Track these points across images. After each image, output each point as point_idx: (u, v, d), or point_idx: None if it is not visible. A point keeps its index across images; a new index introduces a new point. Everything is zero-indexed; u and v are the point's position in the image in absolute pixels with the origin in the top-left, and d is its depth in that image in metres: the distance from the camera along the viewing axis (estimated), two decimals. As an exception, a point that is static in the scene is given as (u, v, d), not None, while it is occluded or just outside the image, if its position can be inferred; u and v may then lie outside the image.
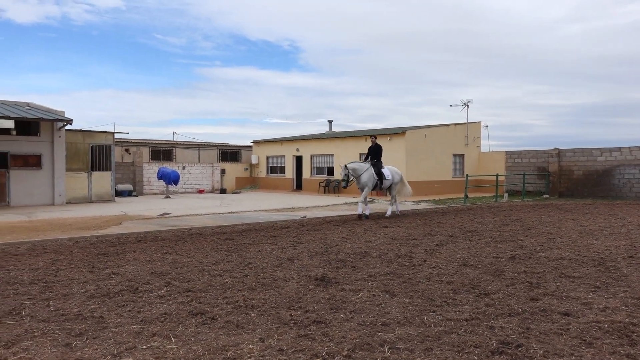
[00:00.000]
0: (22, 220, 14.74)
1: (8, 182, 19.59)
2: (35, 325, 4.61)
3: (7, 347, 4.06)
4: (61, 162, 20.75)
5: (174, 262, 7.70)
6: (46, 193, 20.44)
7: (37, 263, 7.62)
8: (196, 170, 31.37)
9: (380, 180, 15.07)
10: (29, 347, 4.08)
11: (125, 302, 5.39)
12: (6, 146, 19.75)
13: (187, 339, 4.29)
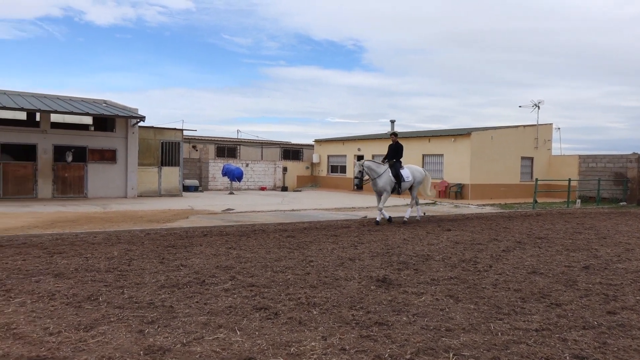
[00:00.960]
0: (98, 211, 15.67)
1: (86, 175, 20.87)
2: (112, 311, 4.87)
3: (86, 331, 4.32)
4: (134, 157, 21.84)
5: (238, 257, 7.90)
6: (120, 186, 21.59)
7: (112, 252, 8.07)
8: (259, 167, 32.05)
9: (399, 182, 13.66)
10: (106, 331, 4.32)
11: (193, 294, 5.59)
12: (85, 141, 21.04)
13: (251, 333, 4.39)
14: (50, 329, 4.33)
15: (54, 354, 3.77)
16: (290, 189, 32.32)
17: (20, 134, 19.87)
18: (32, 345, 3.95)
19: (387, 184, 13.54)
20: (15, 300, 5.18)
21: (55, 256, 7.62)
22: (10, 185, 19.35)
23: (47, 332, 4.24)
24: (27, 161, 19.88)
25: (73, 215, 14.45)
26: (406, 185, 14.04)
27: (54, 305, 5.05)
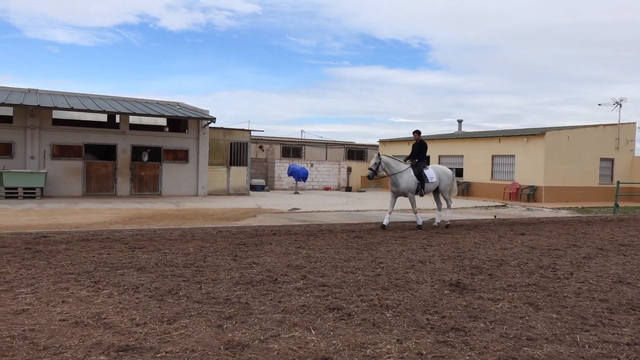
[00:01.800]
0: (172, 209, 16.38)
1: (161, 173, 21.89)
2: (191, 306, 5.06)
3: (169, 323, 4.51)
4: (205, 157, 22.66)
5: (308, 257, 7.98)
6: (191, 185, 22.48)
7: (188, 248, 8.39)
8: (323, 168, 32.27)
9: (422, 183, 12.49)
10: (187, 325, 4.50)
11: (266, 291, 5.70)
12: (160, 141, 22.07)
13: (326, 333, 4.41)
14: (136, 320, 4.56)
15: (142, 344, 3.97)
16: (354, 189, 32.29)
17: (102, 135, 21.17)
18: (121, 335, 4.17)
19: (411, 184, 12.39)
20: (104, 292, 5.50)
21: (137, 251, 8.04)
22: (93, 182, 20.65)
23: (134, 323, 4.47)
24: (107, 160, 21.15)
25: (149, 212, 15.20)
26: (430, 187, 12.81)
27: (138, 297, 5.32)
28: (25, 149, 19.43)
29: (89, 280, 5.99)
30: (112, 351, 3.80)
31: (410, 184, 12.34)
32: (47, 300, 5.11)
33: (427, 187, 12.68)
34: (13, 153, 19.30)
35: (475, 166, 27.95)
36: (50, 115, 20.15)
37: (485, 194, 26.75)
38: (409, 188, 12.35)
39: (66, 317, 4.58)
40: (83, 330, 4.26)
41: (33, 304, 4.96)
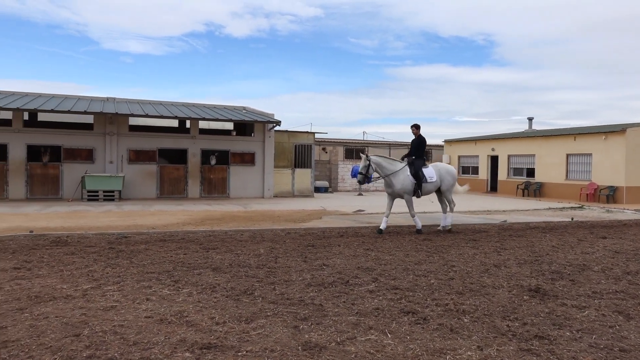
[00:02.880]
0: (240, 210, 16.82)
1: (228, 176, 22.55)
2: (267, 306, 5.16)
3: (247, 323, 4.62)
4: (270, 160, 23.10)
5: (377, 259, 7.92)
6: (257, 187, 22.98)
7: (259, 249, 8.58)
8: (387, 169, 31.99)
9: (419, 183, 11.38)
10: (265, 325, 4.58)
11: (339, 293, 5.71)
12: (228, 145, 22.74)
13: (402, 337, 4.34)
14: (216, 319, 4.70)
15: (223, 343, 4.08)
16: (419, 190, 31.76)
17: (173, 139, 22.10)
18: (203, 333, 4.32)
19: (408, 185, 11.28)
20: (184, 291, 5.73)
21: (210, 251, 8.31)
22: (166, 185, 21.61)
23: (214, 322, 4.61)
24: (179, 164, 22.05)
25: (219, 213, 15.69)
26: (429, 188, 11.62)
27: (216, 297, 5.49)
28: (105, 154, 20.65)
29: (169, 279, 6.26)
30: (196, 348, 3.94)
31: (406, 185, 11.30)
32: (133, 297, 5.39)
33: (425, 188, 11.51)
34: (94, 158, 20.56)
35: (548, 166, 26.67)
36: (127, 122, 21.29)
37: (559, 194, 25.46)
38: (405, 189, 11.31)
39: (151, 314, 4.81)
40: (167, 327, 4.45)
41: (120, 301, 5.24)
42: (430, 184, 11.57)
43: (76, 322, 4.49)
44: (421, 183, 11.37)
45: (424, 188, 11.49)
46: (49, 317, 4.63)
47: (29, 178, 19.67)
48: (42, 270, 6.67)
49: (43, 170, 19.86)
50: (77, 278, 6.25)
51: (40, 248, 8.31)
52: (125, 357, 3.75)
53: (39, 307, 4.97)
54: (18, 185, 19.49)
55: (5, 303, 5.08)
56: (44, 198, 19.66)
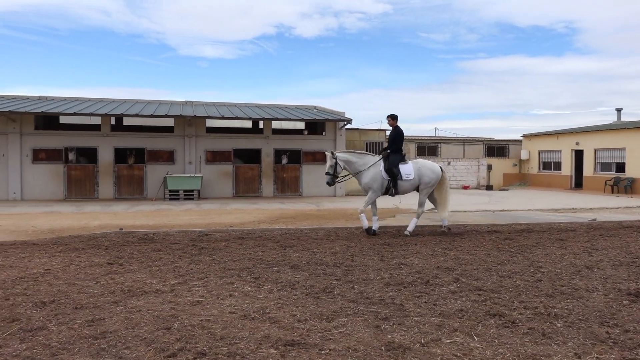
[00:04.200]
0: (313, 209, 16.97)
1: (301, 175, 22.84)
2: (347, 305, 5.13)
3: (328, 321, 4.62)
4: (342, 158, 23.10)
5: (457, 258, 7.66)
6: (329, 185, 23.05)
7: (335, 248, 8.58)
8: (461, 165, 31.04)
9: (394, 181, 10.30)
10: (346, 323, 4.55)
11: (420, 293, 5.57)
12: (299, 144, 23.03)
13: (490, 340, 4.15)
14: (297, 316, 4.74)
15: (305, 340, 4.10)
16: (496, 187, 30.55)
17: (248, 140, 22.71)
18: (285, 329, 4.36)
19: (374, 180, 10.27)
20: (264, 288, 5.83)
21: (287, 249, 8.42)
22: (241, 185, 22.25)
23: (296, 319, 4.65)
24: (253, 164, 22.63)
25: (292, 212, 15.92)
26: (405, 185, 10.47)
27: (295, 294, 5.54)
28: (184, 155, 21.61)
29: (249, 276, 6.40)
30: (280, 345, 3.98)
31: (372, 181, 10.30)
32: (217, 293, 5.56)
33: (401, 186, 10.39)
34: (174, 159, 21.57)
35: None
36: (204, 124, 22.15)
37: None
38: (370, 185, 10.33)
39: (235, 310, 4.93)
40: (251, 323, 4.54)
41: (205, 297, 5.42)
42: (406, 181, 10.44)
43: (166, 316, 4.69)
44: (396, 180, 10.30)
45: (400, 186, 10.38)
46: (141, 310, 4.87)
47: (116, 179, 20.99)
48: (132, 265, 7.06)
49: (129, 172, 21.11)
50: (164, 273, 6.55)
51: (130, 245, 8.81)
52: (214, 351, 3.86)
53: (131, 300, 5.25)
54: (107, 186, 20.85)
55: (102, 296, 5.41)
56: (130, 197, 20.90)
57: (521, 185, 31.57)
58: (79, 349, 3.89)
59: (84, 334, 4.21)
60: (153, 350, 3.86)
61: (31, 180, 20.06)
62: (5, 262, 7.23)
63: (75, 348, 3.92)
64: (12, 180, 19.80)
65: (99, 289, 5.73)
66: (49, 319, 4.62)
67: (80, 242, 9.03)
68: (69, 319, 4.62)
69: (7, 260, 7.32)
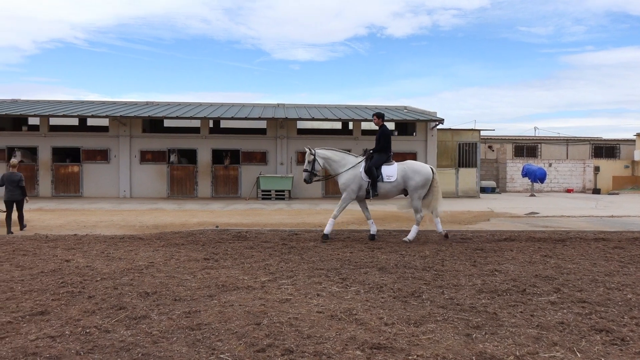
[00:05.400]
0: (402, 210, 16.69)
1: (390, 176, 22.58)
2: (436, 310, 4.97)
3: (416, 326, 4.50)
4: (433, 159, 22.57)
5: (558, 267, 7.15)
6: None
7: (424, 251, 8.37)
8: (564, 167, 29.01)
9: (373, 182, 9.60)
10: (434, 329, 4.41)
11: (515, 302, 5.26)
12: (389, 145, 22.79)
13: (594, 358, 3.81)
14: (384, 319, 4.67)
15: (392, 344, 4.03)
16: (604, 191, 28.16)
17: (337, 141, 22.88)
18: (372, 332, 4.32)
19: (351, 181, 9.64)
20: (351, 289, 5.82)
21: (375, 251, 8.36)
22: (331, 186, 22.45)
23: (383, 322, 4.59)
24: (343, 165, 22.73)
25: (381, 213, 15.77)
26: (387, 188, 9.74)
27: (383, 297, 5.47)
28: (276, 156, 22.27)
29: (337, 276, 6.43)
30: (367, 347, 3.94)
31: (349, 182, 9.68)
32: (305, 292, 5.64)
33: (382, 188, 9.68)
34: (267, 160, 22.30)
35: None
36: (295, 125, 22.68)
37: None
38: (346, 185, 9.71)
39: (322, 309, 4.97)
40: (338, 323, 4.55)
41: (293, 295, 5.53)
42: (387, 184, 9.69)
43: (257, 312, 4.85)
44: (375, 182, 9.63)
45: (380, 188, 9.69)
46: (233, 305, 5.07)
47: (213, 179, 22.13)
48: (226, 262, 7.39)
49: (225, 172, 22.16)
50: (255, 270, 6.78)
51: (225, 242, 9.23)
52: (301, 349, 3.91)
53: (225, 295, 5.49)
54: (205, 185, 22.05)
55: (198, 290, 5.72)
56: (226, 196, 21.93)
57: (634, 189, 28.80)
58: (176, 338, 4.14)
59: (182, 325, 4.46)
60: (244, 345, 4.00)
61: (138, 180, 21.74)
62: (115, 254, 7.89)
63: (173, 337, 4.16)
64: (123, 179, 21.60)
65: (195, 282, 6.06)
66: (151, 308, 4.96)
67: (180, 238, 9.62)
68: (168, 309, 4.93)
69: (116, 253, 7.98)
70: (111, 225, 12.26)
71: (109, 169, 21.62)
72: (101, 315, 4.74)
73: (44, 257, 7.59)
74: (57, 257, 7.54)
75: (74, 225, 12.27)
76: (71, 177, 21.60)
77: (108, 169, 21.62)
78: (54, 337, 4.14)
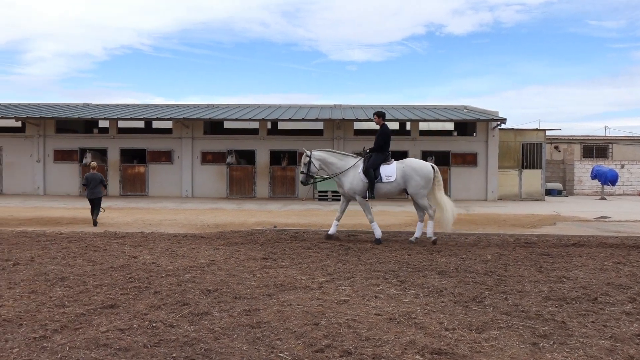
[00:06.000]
0: (462, 213, 16.27)
1: (449, 177, 22.06)
2: (499, 317, 4.79)
3: (478, 332, 4.36)
4: (494, 160, 21.85)
5: (633, 275, 6.71)
6: (479, 189, 21.96)
7: (486, 255, 8.11)
8: (638, 169, 27.26)
9: (371, 183, 9.37)
10: (498, 336, 4.25)
11: (585, 312, 4.98)
12: (447, 146, 22.30)
13: (677, 374, 3.54)
14: (445, 324, 4.55)
15: (453, 350, 3.92)
16: (683, 195, 26.20)
17: (395, 142, 22.44)
18: (432, 337, 4.22)
19: (357, 184, 9.51)
20: (410, 292, 5.73)
21: (434, 254, 8.19)
22: (387, 187, 22.27)
23: (443, 327, 4.47)
24: (400, 166, 22.46)
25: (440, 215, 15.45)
26: (385, 189, 9.55)
27: (443, 301, 5.34)
28: (333, 157, 22.28)
29: (395, 279, 6.35)
30: (427, 352, 3.86)
31: (355, 184, 9.55)
32: (363, 294, 5.60)
33: (380, 188, 9.50)
34: (324, 161, 22.37)
35: None
36: (352, 126, 22.64)
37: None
38: (355, 189, 9.56)
39: (380, 312, 4.91)
40: (397, 327, 4.48)
41: (351, 296, 5.50)
42: (386, 184, 9.52)
43: (314, 312, 4.86)
44: (373, 182, 9.43)
45: (377, 189, 9.51)
46: (292, 305, 5.11)
47: (271, 179, 22.49)
48: (284, 261, 7.47)
49: (282, 173, 22.46)
50: (313, 271, 6.81)
51: (282, 242, 9.34)
52: (359, 351, 3.88)
53: (283, 294, 5.55)
54: (263, 186, 22.44)
55: (257, 288, 5.81)
56: (283, 197, 22.22)
57: None
58: (237, 336, 4.22)
59: (242, 322, 4.55)
60: (302, 344, 4.02)
61: (200, 180, 22.45)
62: (179, 251, 8.17)
63: (234, 334, 4.25)
64: (185, 179, 22.37)
65: (254, 281, 6.16)
66: (213, 305, 5.09)
67: (239, 237, 9.83)
68: (229, 307, 5.04)
69: (180, 250, 8.27)
70: (174, 224, 12.72)
71: (172, 169, 22.47)
72: (166, 310, 4.92)
73: (113, 253, 7.99)
74: (125, 254, 7.91)
75: (140, 223, 12.84)
76: (137, 177, 22.63)
77: (171, 170, 22.47)
78: (123, 329, 4.33)
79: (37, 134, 22.58)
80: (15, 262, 7.09)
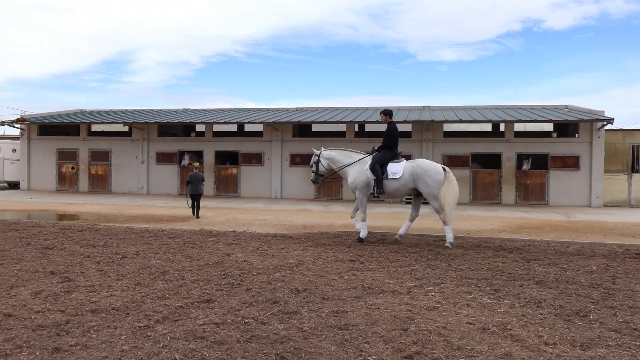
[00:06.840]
0: (562, 220, 15.23)
1: (547, 181, 20.76)
2: (607, 334, 4.40)
3: (582, 349, 4.03)
4: (599, 163, 20.23)
5: None
6: (582, 194, 20.43)
7: (590, 266, 7.50)
8: None
9: (378, 179, 9.39)
10: (605, 355, 3.91)
11: None
12: (546, 148, 20.98)
13: None
14: (544, 338, 4.27)
15: (555, 367, 3.65)
16: None
17: (486, 144, 21.73)
18: (530, 351, 3.97)
19: (360, 179, 9.67)
20: (505, 302, 5.44)
21: (532, 262, 7.72)
22: (479, 190, 21.43)
23: (542, 341, 4.19)
24: (492, 169, 21.53)
25: (537, 222, 14.58)
26: (392, 186, 9.54)
27: (542, 313, 5.01)
28: (421, 159, 21.83)
29: (488, 287, 6.07)
30: (524, 367, 3.63)
31: (358, 180, 9.74)
32: (453, 301, 5.41)
33: (387, 186, 9.51)
34: (412, 164, 21.99)
35: None
36: (441, 128, 22.05)
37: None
38: (357, 184, 9.76)
39: (472, 321, 4.71)
40: (490, 337, 4.27)
41: (441, 303, 5.33)
42: (393, 181, 9.52)
43: (403, 317, 4.77)
44: (380, 179, 9.44)
45: (386, 186, 9.52)
46: (380, 308, 5.06)
47: (358, 182, 22.47)
48: (372, 264, 7.42)
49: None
50: (401, 275, 6.70)
51: (370, 244, 9.30)
52: (450, 360, 3.75)
53: (371, 297, 5.51)
54: (350, 188, 22.49)
55: (345, 290, 5.82)
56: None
57: None
58: (325, 336, 4.24)
59: (330, 323, 4.57)
60: (390, 349, 3.95)
61: (288, 181, 23.00)
62: (269, 251, 8.41)
63: (322, 335, 4.28)
64: (274, 181, 23.04)
65: (342, 283, 6.18)
66: (302, 305, 5.17)
67: (327, 239, 9.93)
68: (317, 307, 5.09)
69: (269, 250, 8.51)
70: (264, 224, 13.13)
71: (262, 171, 23.24)
72: (257, 307, 5.07)
73: (208, 250, 8.40)
74: (219, 251, 8.29)
75: (232, 222, 13.41)
76: (230, 178, 23.67)
77: (262, 171, 23.24)
78: (218, 324, 4.53)
79: (142, 138, 24.40)
80: (122, 256, 7.69)
